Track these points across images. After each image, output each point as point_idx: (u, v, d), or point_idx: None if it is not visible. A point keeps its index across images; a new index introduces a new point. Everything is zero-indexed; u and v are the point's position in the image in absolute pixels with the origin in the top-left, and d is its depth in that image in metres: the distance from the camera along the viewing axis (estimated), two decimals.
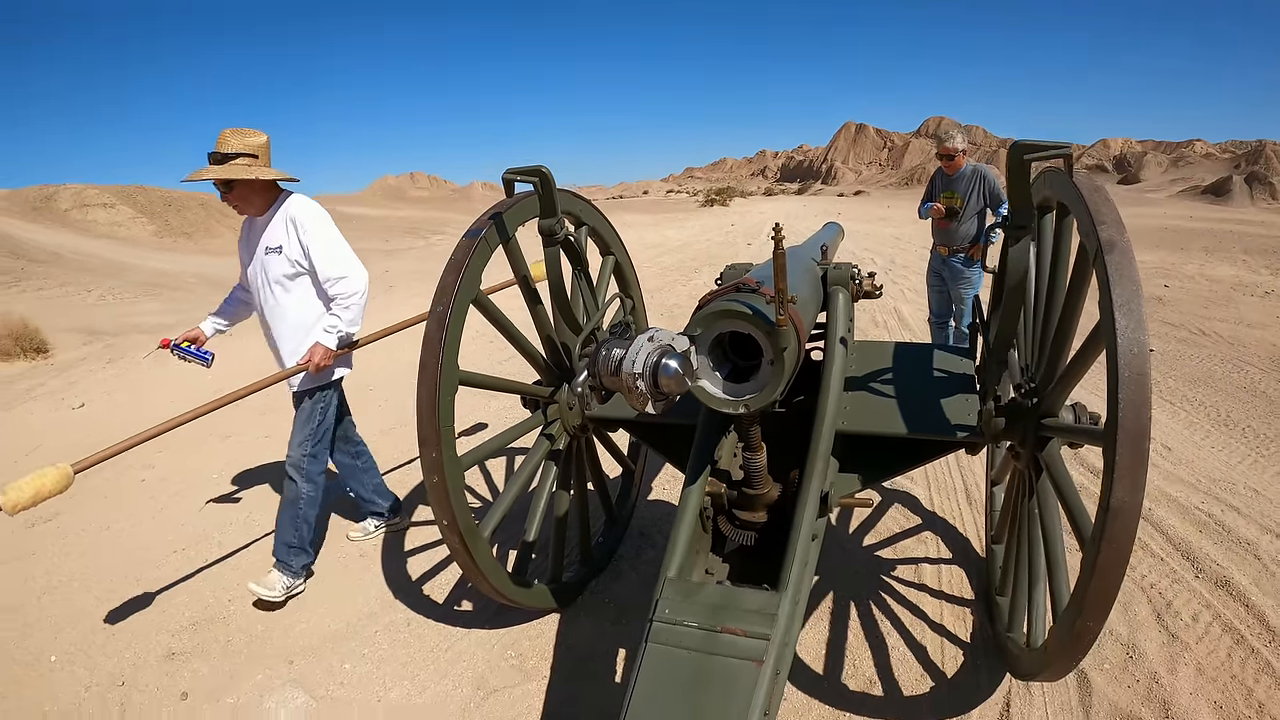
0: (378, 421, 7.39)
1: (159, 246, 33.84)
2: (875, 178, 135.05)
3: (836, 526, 4.64)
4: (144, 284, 21.40)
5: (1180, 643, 3.41)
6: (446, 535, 2.96)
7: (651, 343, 2.26)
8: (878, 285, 3.46)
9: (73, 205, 38.13)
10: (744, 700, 2.07)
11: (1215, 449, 5.48)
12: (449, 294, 2.84)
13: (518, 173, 3.08)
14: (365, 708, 3.42)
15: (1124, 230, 2.24)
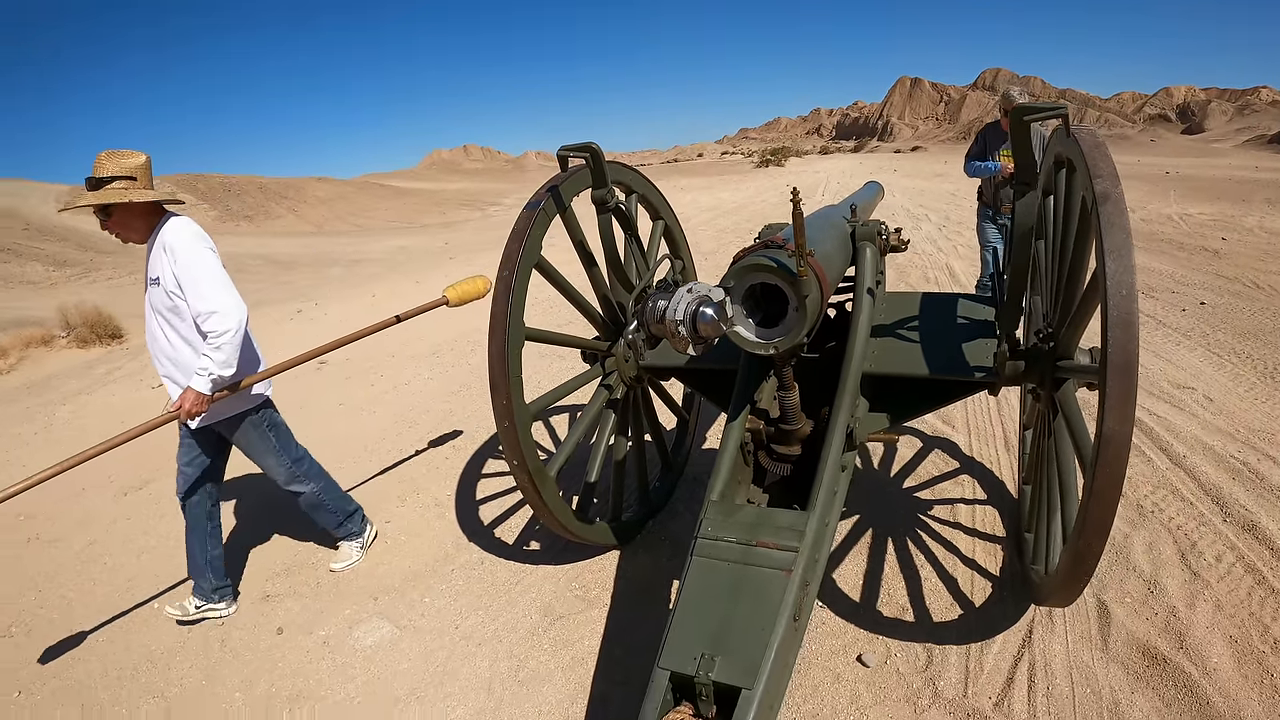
0: (446, 384, 7.83)
1: (221, 231, 34.65)
2: (932, 132, 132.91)
3: (879, 471, 4.92)
4: None
5: (1201, 581, 3.57)
6: (517, 475, 3.31)
7: (690, 294, 2.60)
8: (904, 240, 3.79)
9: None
10: (774, 605, 2.37)
11: (1259, 401, 5.50)
12: (514, 259, 3.18)
13: (570, 149, 3.39)
14: (443, 634, 3.79)
15: (1118, 183, 2.46)
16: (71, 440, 7.29)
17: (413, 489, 5.45)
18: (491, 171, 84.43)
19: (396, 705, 3.35)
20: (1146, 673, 3.07)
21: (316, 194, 43.50)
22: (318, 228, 36.98)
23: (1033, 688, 3.03)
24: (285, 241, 30.17)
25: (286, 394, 7.96)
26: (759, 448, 3.19)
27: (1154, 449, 4.82)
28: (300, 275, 20.43)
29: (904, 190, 25.44)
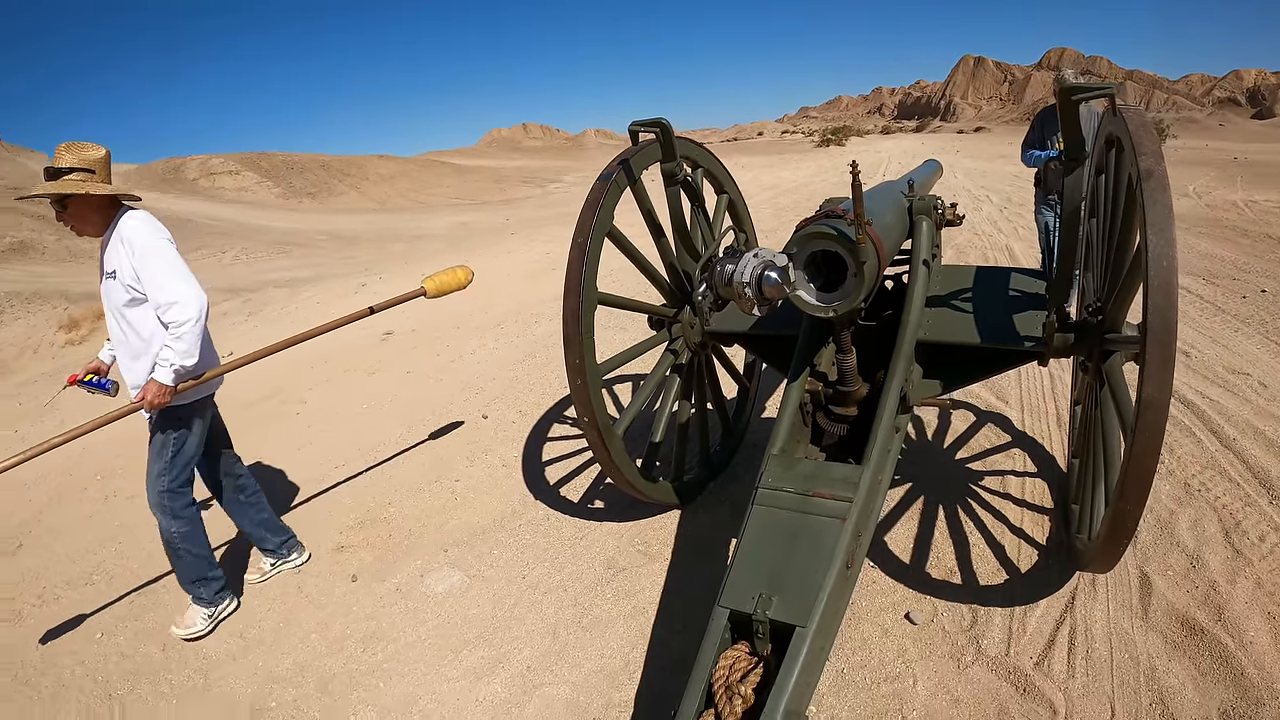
0: (510, 354, 8.08)
1: (285, 208, 35.35)
2: (996, 113, 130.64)
3: (932, 441, 5.06)
4: (275, 243, 22.60)
5: (1243, 559, 3.64)
6: (586, 431, 3.52)
7: (756, 259, 2.80)
8: (959, 215, 3.93)
9: (200, 174, 40.10)
10: (829, 551, 2.54)
11: None
12: (588, 227, 3.38)
13: (641, 125, 3.61)
14: (511, 583, 4.02)
15: (1161, 160, 2.58)
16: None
17: (481, 450, 5.68)
18: (551, 149, 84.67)
19: (466, 647, 3.57)
20: (1184, 642, 3.16)
21: (379, 171, 44.09)
22: (380, 204, 37.53)
23: (1072, 650, 3.16)
24: (348, 218, 30.71)
25: (357, 361, 8.32)
26: (817, 409, 3.35)
27: (1204, 431, 4.87)
28: (363, 250, 20.83)
29: (966, 171, 25.22)
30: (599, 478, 5.03)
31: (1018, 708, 2.91)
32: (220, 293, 14.13)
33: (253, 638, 3.87)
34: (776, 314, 3.35)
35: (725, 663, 2.36)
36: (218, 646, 3.83)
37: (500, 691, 3.26)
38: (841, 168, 31.09)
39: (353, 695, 3.36)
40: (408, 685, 3.37)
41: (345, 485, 5.41)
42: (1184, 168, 21.34)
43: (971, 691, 3.01)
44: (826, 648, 2.46)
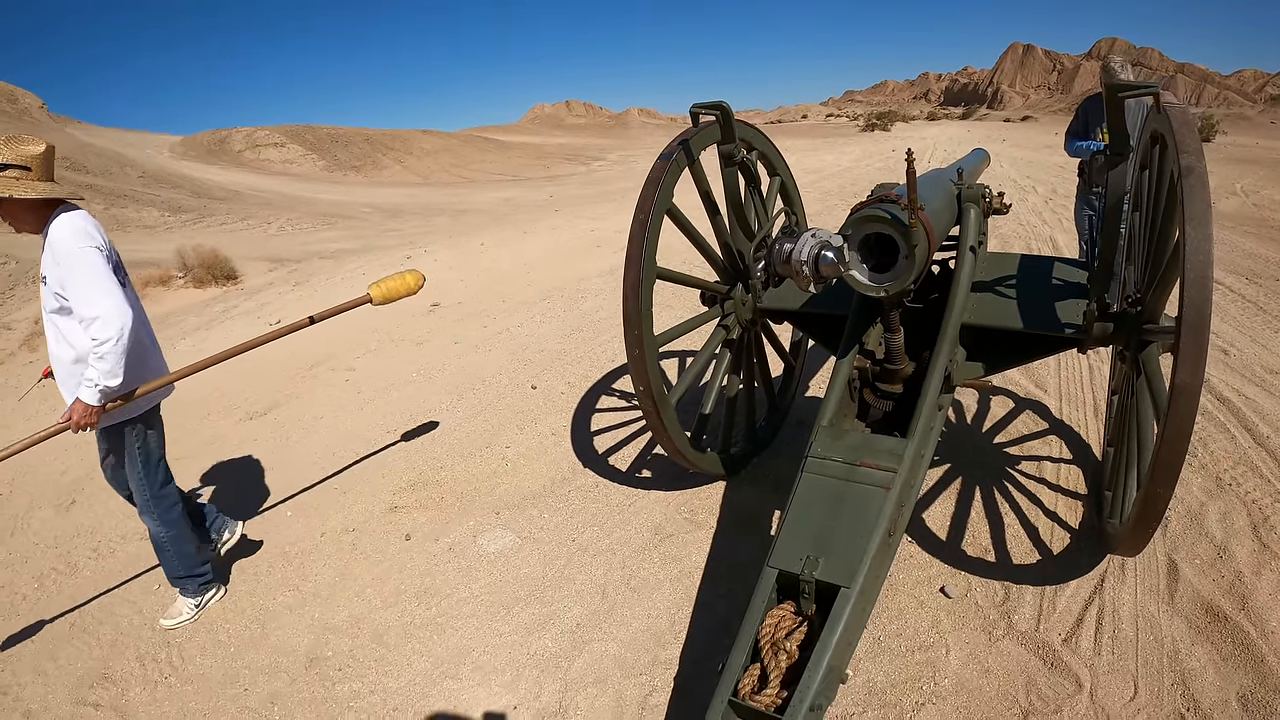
0: (557, 328, 8.28)
1: (330, 180, 35.68)
2: (1044, 102, 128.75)
3: (971, 425, 5.18)
4: (320, 215, 22.90)
5: (1270, 552, 3.72)
6: (641, 400, 3.69)
7: (814, 239, 2.95)
8: (1006, 203, 4.04)
9: (245, 146, 40.58)
10: (873, 517, 2.70)
11: None
12: (649, 204, 3.53)
13: (702, 107, 3.73)
14: (561, 545, 4.20)
15: (1202, 158, 2.68)
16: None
17: (530, 419, 5.86)
18: (594, 127, 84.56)
19: (518, 603, 3.75)
20: (1207, 628, 3.28)
21: (422, 146, 44.40)
22: (423, 179, 37.82)
23: (1100, 630, 3.29)
24: (392, 191, 31.00)
25: (405, 332, 8.52)
26: (864, 385, 3.50)
27: (1239, 427, 4.94)
28: (407, 223, 21.07)
29: (1012, 160, 25.02)
30: (646, 448, 5.19)
31: (1045, 680, 3.05)
32: (266, 262, 14.44)
33: (308, 591, 4.05)
34: (826, 294, 3.49)
35: (771, 620, 2.53)
36: (274, 600, 4.01)
37: (551, 646, 3.44)
38: (886, 153, 31.00)
39: (407, 646, 3.54)
40: (461, 638, 3.55)
41: (397, 448, 5.60)
42: (1232, 165, 21.04)
43: (1001, 663, 3.15)
44: (868, 609, 2.63)
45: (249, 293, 12.08)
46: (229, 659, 3.61)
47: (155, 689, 3.47)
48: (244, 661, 3.58)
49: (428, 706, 3.19)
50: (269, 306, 10.73)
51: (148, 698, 3.42)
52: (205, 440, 6.19)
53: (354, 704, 3.25)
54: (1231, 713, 2.87)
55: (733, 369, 4.30)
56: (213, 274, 13.17)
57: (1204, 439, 4.78)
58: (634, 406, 5.90)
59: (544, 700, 3.16)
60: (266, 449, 5.88)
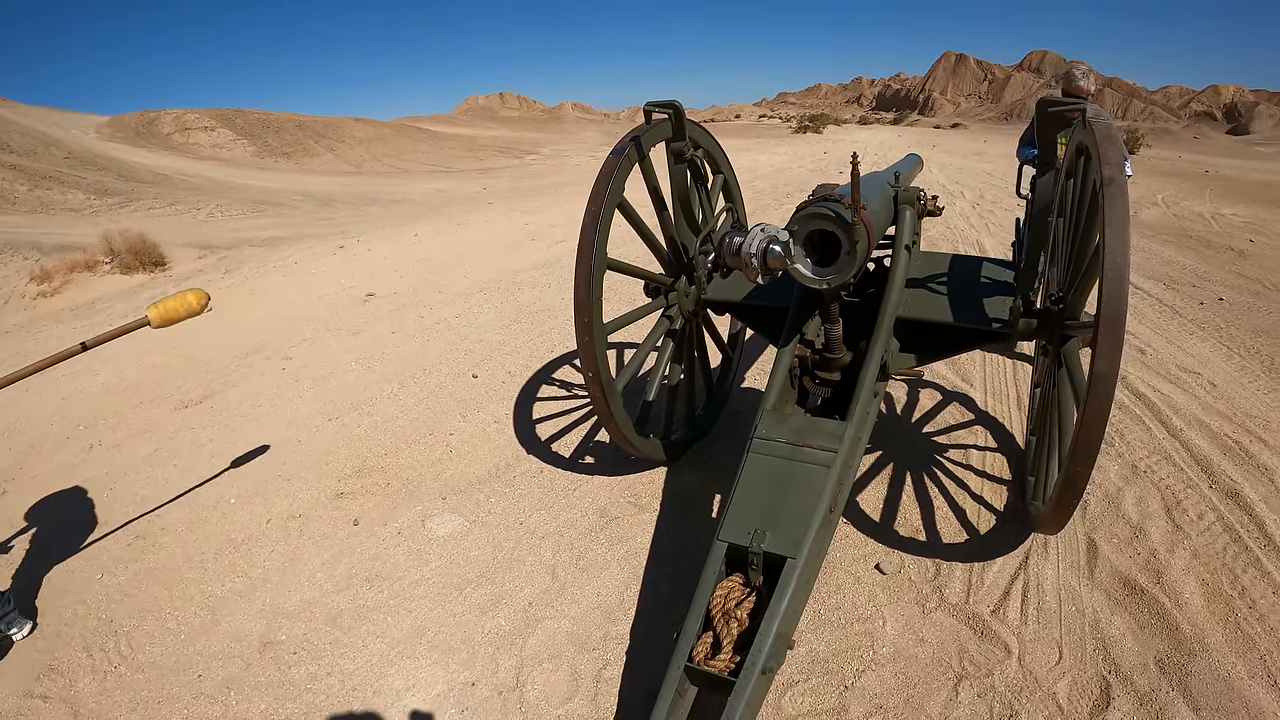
0: (495, 319, 8.37)
1: (260, 166, 35.08)
2: (974, 110, 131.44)
3: (902, 416, 5.42)
4: (250, 202, 22.53)
5: (1182, 532, 4.02)
6: (590, 385, 3.81)
7: (763, 234, 3.16)
8: (939, 206, 4.32)
9: (174, 129, 39.70)
10: (816, 493, 2.89)
11: (1260, 391, 5.84)
12: (601, 197, 3.66)
13: (656, 105, 3.91)
14: (510, 528, 4.31)
15: (1123, 169, 2.96)
16: (125, 358, 7.79)
17: (473, 407, 5.94)
18: (528, 120, 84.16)
19: (469, 584, 3.84)
20: (1125, 599, 3.54)
21: (355, 134, 43.87)
22: (356, 167, 37.41)
23: (1025, 601, 3.53)
24: (324, 179, 30.64)
25: (340, 322, 8.52)
26: (804, 373, 3.69)
27: (1154, 420, 5.25)
28: (340, 212, 20.86)
29: (941, 166, 25.58)
30: (590, 434, 5.33)
31: (976, 647, 3.27)
32: (196, 249, 14.16)
33: (257, 577, 4.07)
34: (768, 287, 3.67)
35: (722, 591, 2.69)
36: (222, 586, 4.02)
37: (504, 624, 3.55)
38: (818, 155, 31.51)
39: (362, 629, 3.60)
40: (415, 619, 3.63)
41: (339, 436, 5.63)
42: (1155, 177, 21.90)
43: (935, 633, 3.37)
44: (812, 580, 2.82)
45: (178, 280, 11.89)
46: (180, 646, 3.62)
47: (105, 679, 3.46)
48: (196, 648, 3.59)
49: (386, 686, 3.26)
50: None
51: (98, 688, 3.41)
52: (138, 429, 6.12)
53: (311, 686, 3.30)
54: (1150, 674, 3.12)
55: (675, 358, 4.46)
56: (141, 260, 12.87)
57: (1121, 431, 5.08)
58: (575, 395, 6.03)
59: (501, 676, 3.26)
60: (205, 437, 5.84)
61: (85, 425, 6.26)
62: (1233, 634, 3.33)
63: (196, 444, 5.71)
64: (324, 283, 10.72)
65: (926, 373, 6.02)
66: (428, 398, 6.21)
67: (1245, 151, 46.74)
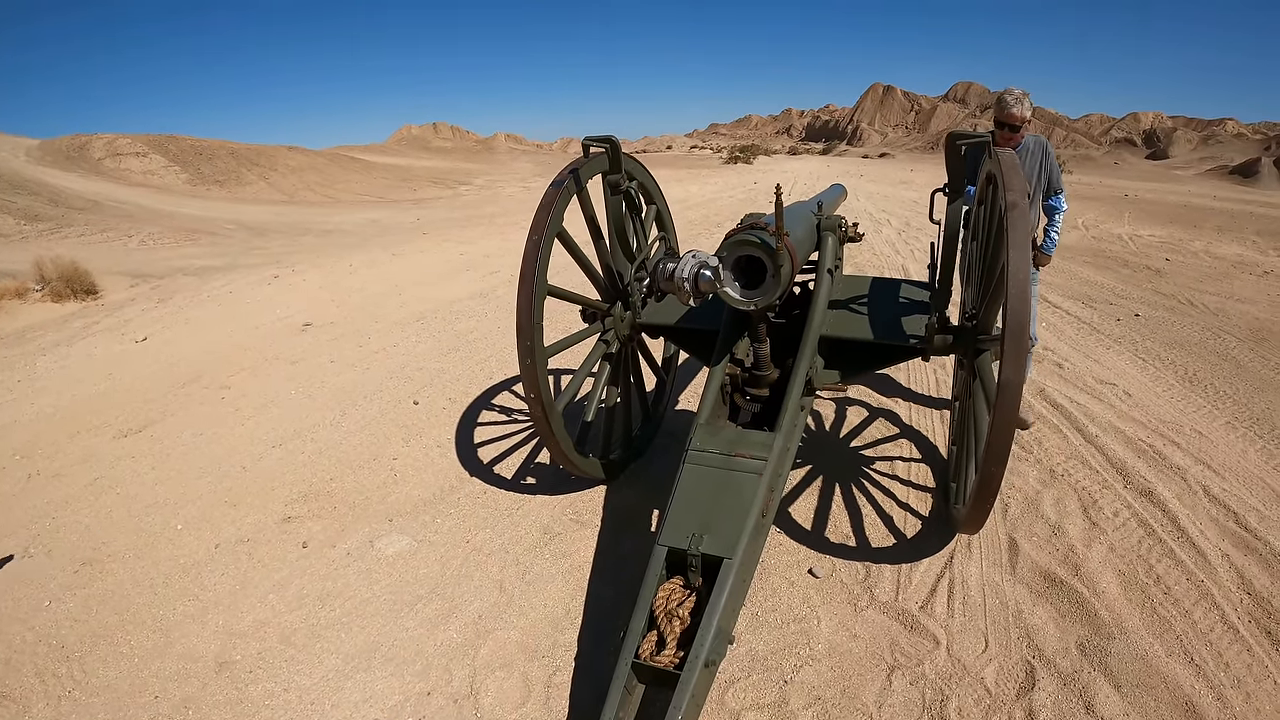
0: (434, 347, 8.46)
1: (192, 194, 34.51)
2: (901, 140, 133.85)
3: (830, 431, 5.67)
4: (183, 230, 22.21)
5: (1099, 529, 4.33)
6: (532, 406, 3.98)
7: (694, 260, 3.42)
8: (860, 232, 4.70)
9: (106, 154, 38.90)
10: (749, 499, 3.11)
11: (1174, 399, 6.23)
12: (542, 226, 3.84)
13: (593, 140, 4.15)
14: (457, 546, 4.43)
15: (1024, 195, 3.26)
16: (60, 388, 7.71)
17: (415, 433, 6.04)
18: (461, 151, 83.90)
19: (420, 601, 3.95)
20: (1046, 591, 3.83)
21: (288, 163, 43.39)
22: (289, 197, 36.97)
23: (951, 597, 3.78)
24: (257, 208, 30.26)
25: (278, 351, 8.54)
26: (735, 389, 3.91)
27: (1070, 428, 5.59)
28: (273, 242, 20.67)
29: (869, 195, 26.19)
30: (530, 456, 5.47)
31: (906, 640, 3.51)
32: (128, 277, 13.97)
33: (209, 600, 4.11)
34: (699, 311, 3.90)
35: (664, 593, 2.88)
36: (174, 610, 4.04)
37: (456, 636, 3.67)
38: (748, 185, 32.02)
39: (316, 645, 3.67)
40: (368, 635, 3.72)
41: (284, 462, 5.68)
42: (1076, 202, 22.62)
43: (867, 629, 3.59)
44: (748, 580, 3.03)
45: (110, 309, 11.70)
46: (135, 669, 3.64)
47: (59, 703, 3.46)
48: (151, 670, 3.62)
49: (344, 699, 3.34)
50: (132, 323, 10.45)
51: (53, 712, 3.41)
52: (77, 458, 6.07)
53: (269, 703, 3.36)
54: (1072, 657, 3.39)
55: (611, 380, 4.66)
56: (72, 288, 12.61)
57: (1039, 439, 5.42)
58: (514, 420, 6.16)
59: (455, 685, 3.38)
60: (146, 465, 5.83)
61: (21, 454, 6.19)
62: (1149, 618, 3.61)
63: (138, 472, 5.70)
64: (260, 312, 10.68)
65: (853, 390, 6.29)
66: (370, 424, 6.28)
67: (1164, 175, 48.47)
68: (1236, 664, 3.34)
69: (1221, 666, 3.32)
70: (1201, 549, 4.15)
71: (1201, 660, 3.36)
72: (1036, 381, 6.54)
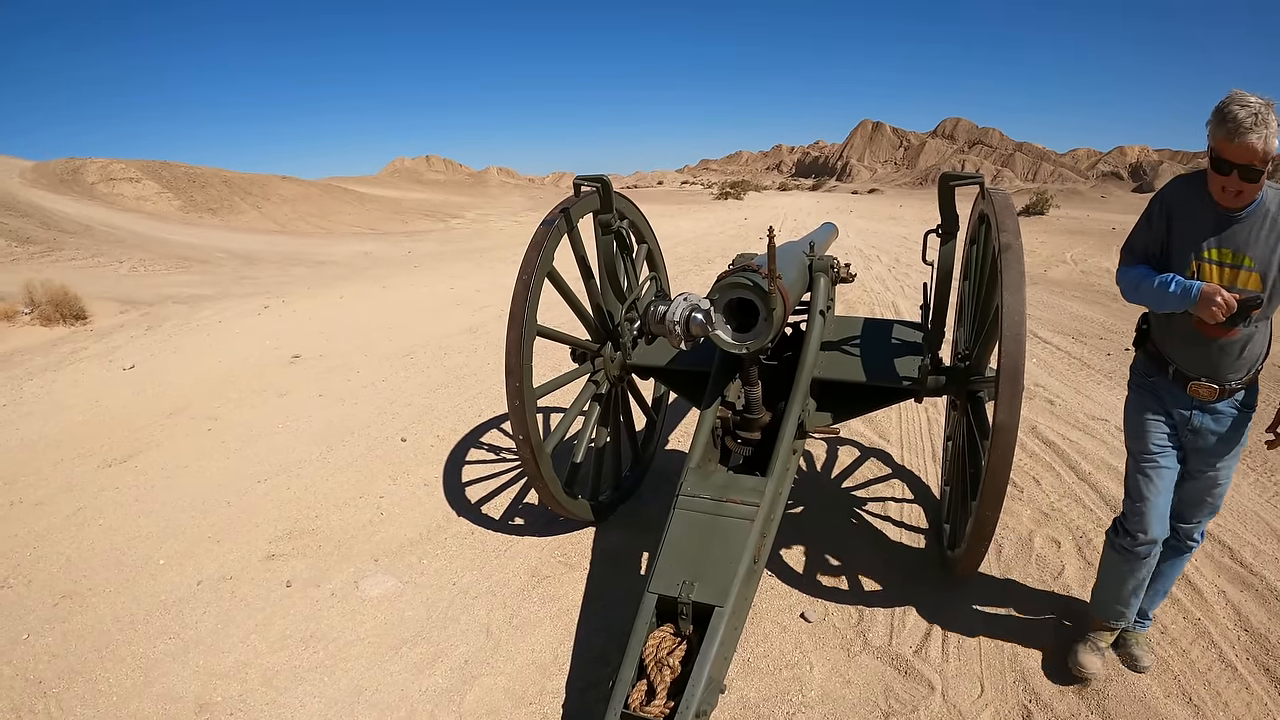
0: (423, 382, 8.42)
1: (185, 221, 34.56)
2: (890, 176, 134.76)
3: (821, 473, 5.64)
4: (174, 257, 22.19)
5: (1094, 569, 4.07)
6: (521, 447, 3.95)
7: (686, 302, 3.39)
8: (852, 273, 4.69)
9: (99, 179, 38.97)
10: (740, 545, 3.06)
11: None
12: (532, 265, 3.83)
13: (585, 179, 4.14)
14: (443, 589, 4.36)
15: (1019, 236, 3.26)
16: (46, 414, 7.63)
17: (402, 470, 5.98)
18: (453, 184, 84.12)
19: (405, 644, 3.88)
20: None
21: (281, 192, 43.49)
22: (281, 226, 37.01)
23: (946, 641, 3.73)
24: (249, 237, 30.32)
25: (266, 383, 8.48)
26: (726, 433, 3.86)
27: (1063, 466, 5.57)
28: (264, 271, 20.66)
29: (859, 231, 26.27)
30: (519, 497, 5.41)
31: (901, 686, 3.46)
32: (117, 303, 13.91)
33: (190, 638, 4.03)
34: (690, 352, 3.87)
35: (654, 641, 2.83)
36: (154, 648, 3.97)
37: (441, 682, 3.60)
38: (739, 221, 32.13)
39: (299, 689, 3.60)
40: (352, 679, 3.65)
41: (269, 498, 5.61)
42: (1064, 236, 22.85)
43: (861, 674, 3.54)
44: (739, 628, 2.98)
45: (99, 335, 11.61)
46: (113, 708, 3.57)
47: None
48: (129, 710, 3.55)
49: None
50: (120, 350, 10.37)
51: None
52: (60, 487, 5.99)
53: None
54: (1069, 700, 3.35)
55: (601, 421, 4.63)
56: (61, 312, 12.52)
57: (1034, 477, 5.41)
58: (503, 459, 6.12)
59: None
60: (130, 497, 5.75)
61: (4, 481, 6.12)
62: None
63: (121, 504, 5.63)
64: (249, 343, 10.61)
65: (845, 430, 6.25)
66: (357, 461, 6.22)
67: None
68: (1235, 703, 3.31)
69: (1220, 706, 3.29)
70: (1197, 586, 4.12)
71: (1200, 700, 3.32)
72: (1028, 418, 6.52)
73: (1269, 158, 2.64)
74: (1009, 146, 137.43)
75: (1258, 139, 2.60)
